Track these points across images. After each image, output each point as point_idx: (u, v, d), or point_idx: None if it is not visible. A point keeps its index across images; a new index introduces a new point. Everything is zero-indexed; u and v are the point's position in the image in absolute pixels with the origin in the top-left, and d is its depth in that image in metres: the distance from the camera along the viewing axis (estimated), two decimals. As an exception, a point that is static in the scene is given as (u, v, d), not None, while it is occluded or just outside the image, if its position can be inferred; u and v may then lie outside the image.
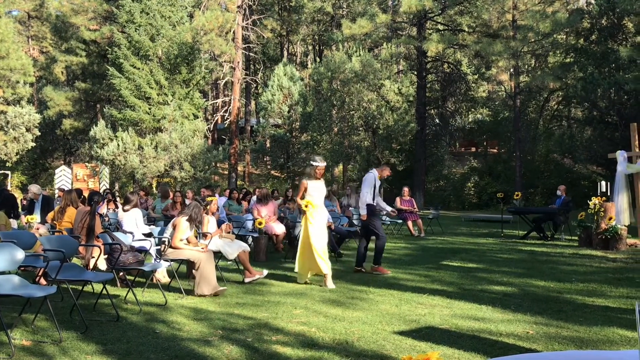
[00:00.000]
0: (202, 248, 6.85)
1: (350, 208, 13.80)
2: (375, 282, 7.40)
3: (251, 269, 7.52)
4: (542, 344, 4.54)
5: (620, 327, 4.98)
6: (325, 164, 7.85)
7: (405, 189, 15.07)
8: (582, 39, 25.41)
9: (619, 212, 11.42)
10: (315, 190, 7.52)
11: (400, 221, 14.63)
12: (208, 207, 8.20)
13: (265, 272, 7.69)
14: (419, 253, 10.91)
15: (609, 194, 12.39)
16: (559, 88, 28.49)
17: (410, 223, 14.41)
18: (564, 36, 28.24)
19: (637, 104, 21.98)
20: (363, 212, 8.28)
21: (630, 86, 19.11)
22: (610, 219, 11.02)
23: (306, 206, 7.40)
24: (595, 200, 11.34)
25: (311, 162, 7.63)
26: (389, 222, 14.98)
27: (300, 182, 7.71)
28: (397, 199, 14.67)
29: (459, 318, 5.42)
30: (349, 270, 8.56)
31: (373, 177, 8.38)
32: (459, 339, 4.70)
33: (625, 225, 11.35)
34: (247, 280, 7.40)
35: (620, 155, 11.79)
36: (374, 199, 8.34)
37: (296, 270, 7.53)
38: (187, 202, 9.37)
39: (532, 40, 25.87)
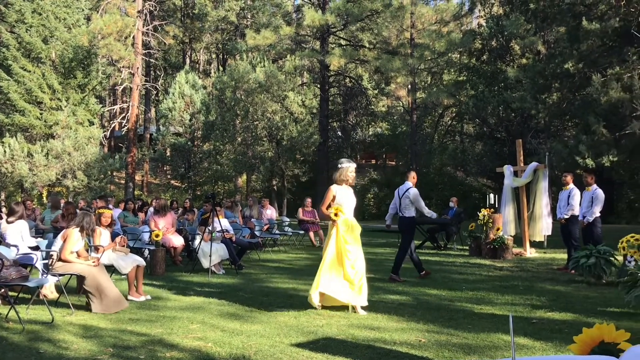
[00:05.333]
0: (94, 262, 6.54)
1: (252, 219, 13.74)
2: (275, 294, 7.39)
3: (140, 289, 7.14)
4: (433, 352, 4.70)
5: (505, 333, 5.26)
6: (355, 164, 6.69)
7: (308, 200, 15.19)
8: (474, 59, 26.88)
9: (506, 223, 12.14)
10: (345, 199, 6.41)
11: (302, 232, 14.74)
12: (101, 218, 7.76)
13: (149, 297, 7.11)
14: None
15: (497, 205, 13.11)
16: (453, 105, 29.93)
17: (312, 234, 14.52)
18: (458, 55, 29.74)
19: (522, 121, 23.52)
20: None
21: (517, 105, 20.39)
22: (498, 229, 11.65)
23: (336, 214, 6.24)
24: (484, 212, 11.94)
25: (340, 165, 6.52)
26: (290, 233, 15.03)
27: (327, 190, 6.52)
28: (300, 210, 14.78)
29: (355, 328, 5.52)
30: (250, 282, 8.50)
31: (415, 189, 8.66)
32: (354, 349, 4.78)
33: (511, 236, 12.06)
34: (130, 297, 6.91)
35: (507, 170, 12.57)
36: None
37: (315, 292, 6.36)
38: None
39: (429, 58, 27.08)
